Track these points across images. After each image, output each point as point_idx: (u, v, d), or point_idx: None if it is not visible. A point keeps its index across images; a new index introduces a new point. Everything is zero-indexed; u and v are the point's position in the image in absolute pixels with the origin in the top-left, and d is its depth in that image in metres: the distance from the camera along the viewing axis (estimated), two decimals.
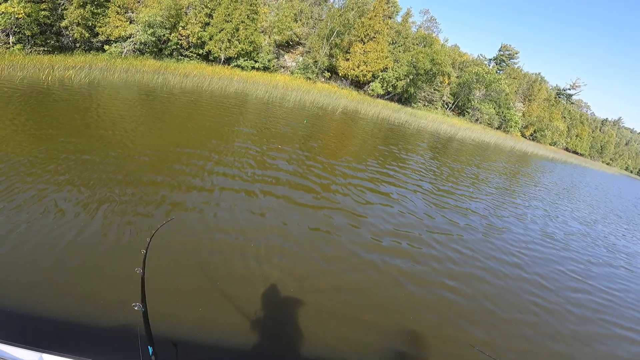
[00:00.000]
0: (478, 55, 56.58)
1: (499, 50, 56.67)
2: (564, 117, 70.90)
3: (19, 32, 20.72)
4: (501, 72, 55.48)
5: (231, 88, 22.84)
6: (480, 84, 44.94)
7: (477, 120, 47.64)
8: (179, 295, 3.76)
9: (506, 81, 49.61)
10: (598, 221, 13.25)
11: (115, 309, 3.35)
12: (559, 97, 73.47)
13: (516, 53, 57.30)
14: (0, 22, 19.43)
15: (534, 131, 59.74)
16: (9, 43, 20.84)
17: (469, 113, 47.53)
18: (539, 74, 65.01)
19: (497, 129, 50.04)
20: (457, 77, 46.61)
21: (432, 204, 9.30)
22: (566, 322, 5.18)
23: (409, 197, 9.28)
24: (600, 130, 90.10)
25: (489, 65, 54.23)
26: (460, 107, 47.41)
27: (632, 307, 6.32)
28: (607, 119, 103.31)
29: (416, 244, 6.44)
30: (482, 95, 47.71)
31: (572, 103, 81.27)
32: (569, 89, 74.59)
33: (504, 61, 57.01)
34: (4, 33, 20.66)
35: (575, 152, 73.22)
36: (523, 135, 57.34)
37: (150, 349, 1.87)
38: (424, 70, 35.92)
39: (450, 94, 46.37)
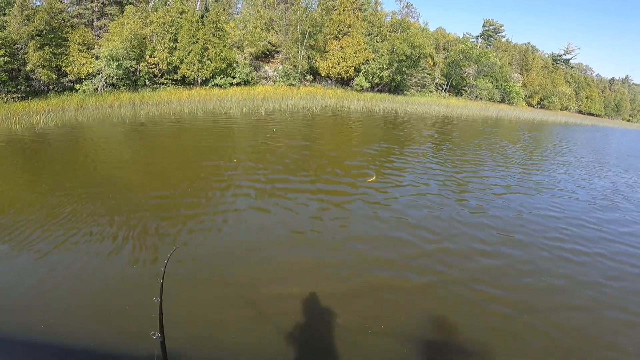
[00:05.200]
0: (464, 34, 55.61)
1: (483, 26, 55.52)
2: (568, 81, 68.59)
3: None
4: (490, 47, 54.05)
5: (204, 109, 22.06)
6: (469, 61, 43.48)
7: (476, 97, 45.86)
8: (198, 323, 3.78)
9: (495, 54, 48.34)
10: None
11: (135, 338, 3.45)
12: (557, 63, 71.23)
13: (501, 26, 56.09)
14: None
15: (541, 99, 57.42)
16: None
17: (466, 91, 45.95)
18: (529, 43, 63.71)
19: (500, 102, 48.11)
20: (445, 57, 45.31)
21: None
22: None
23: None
24: (609, 89, 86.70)
25: (477, 42, 52.90)
26: (455, 87, 45.88)
27: None
28: (613, 78, 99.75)
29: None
30: (475, 71, 46.09)
31: (572, 67, 78.75)
32: (564, 54, 72.33)
33: (490, 36, 55.79)
34: None
35: (590, 114, 70.02)
36: (530, 105, 55.07)
37: None
38: (405, 55, 34.59)
39: (441, 75, 44.89)
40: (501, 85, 48.94)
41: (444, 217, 7.09)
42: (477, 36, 56.18)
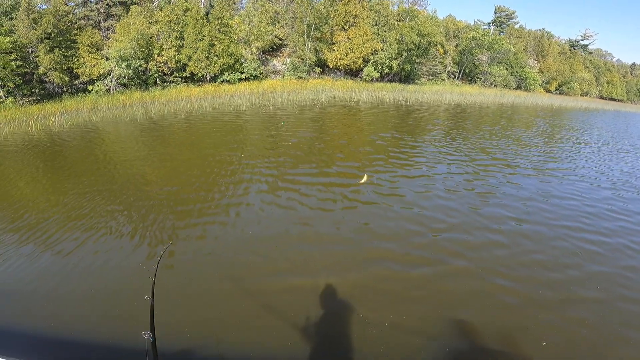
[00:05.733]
0: (475, 21, 54.37)
1: (495, 13, 54.01)
2: (587, 67, 66.34)
3: (4, 85, 20.86)
4: (503, 33, 52.65)
5: (213, 105, 22.20)
6: (481, 48, 42.43)
7: (491, 84, 44.75)
8: (191, 324, 3.71)
9: (509, 40, 47.24)
10: None
11: (127, 336, 3.44)
12: (574, 49, 69.00)
13: (513, 13, 54.51)
14: None
15: (559, 85, 55.57)
16: (1, 97, 20.96)
17: (479, 79, 44.94)
18: (544, 29, 61.89)
19: (516, 89, 46.82)
20: (456, 45, 44.38)
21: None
22: None
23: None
24: (631, 74, 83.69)
25: (490, 29, 51.58)
26: (468, 75, 44.91)
27: None
28: (635, 63, 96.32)
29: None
30: (489, 58, 44.97)
31: (591, 53, 76.17)
32: (582, 40, 70.01)
33: (503, 22, 54.24)
34: None
35: (611, 99, 67.46)
36: (548, 91, 53.35)
37: None
38: (414, 44, 33.93)
39: (453, 63, 43.99)
40: (516, 71, 47.59)
41: (454, 202, 7.00)
42: (489, 23, 54.69)
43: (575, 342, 3.64)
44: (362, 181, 7.06)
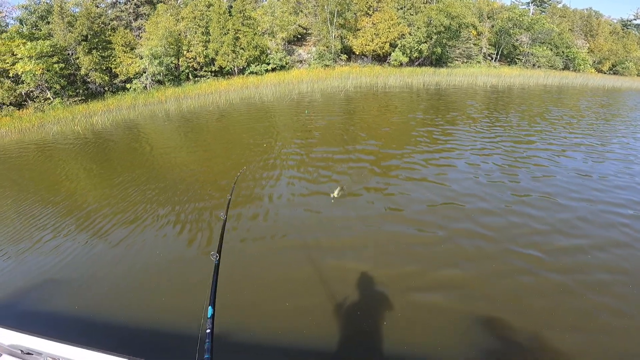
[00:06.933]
0: (511, 1, 51.65)
1: None
2: None
3: (51, 87, 22.64)
4: (545, 13, 49.44)
5: (240, 97, 22.94)
6: (519, 29, 40.00)
7: (533, 65, 42.00)
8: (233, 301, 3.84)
9: (551, 20, 44.53)
10: None
11: (187, 314, 3.54)
12: (627, 28, 63.33)
13: None
14: (27, 81, 21.28)
15: (613, 65, 50.96)
16: (49, 98, 22.77)
17: (520, 60, 42.41)
18: (591, 8, 57.42)
19: (563, 69, 43.49)
20: (491, 26, 42.23)
21: None
22: None
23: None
24: None
25: (529, 9, 48.65)
26: (507, 56, 42.59)
27: None
28: None
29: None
30: (529, 39, 42.30)
31: None
32: (634, 20, 64.40)
33: (544, 2, 51.05)
34: (39, 90, 22.70)
35: None
36: (600, 71, 49.06)
37: (211, 310, 1.65)
38: (443, 27, 32.63)
39: (489, 45, 41.84)
40: (562, 52, 44.43)
41: (484, 182, 6.92)
42: (528, 3, 51.69)
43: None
44: (335, 195, 6.24)
